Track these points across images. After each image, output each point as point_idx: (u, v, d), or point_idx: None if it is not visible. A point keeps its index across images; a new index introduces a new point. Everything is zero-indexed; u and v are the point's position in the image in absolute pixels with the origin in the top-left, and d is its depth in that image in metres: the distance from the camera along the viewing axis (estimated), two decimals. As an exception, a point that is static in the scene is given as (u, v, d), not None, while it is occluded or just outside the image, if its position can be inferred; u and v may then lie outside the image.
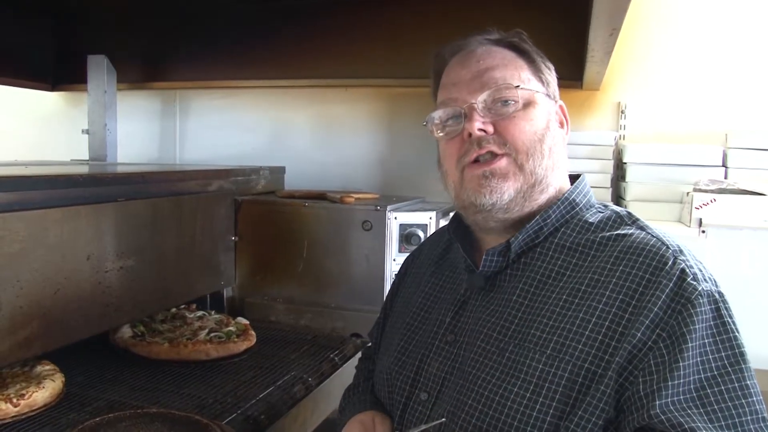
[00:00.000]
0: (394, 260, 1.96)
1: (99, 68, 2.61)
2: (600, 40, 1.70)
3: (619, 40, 1.74)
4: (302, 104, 2.73)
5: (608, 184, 2.33)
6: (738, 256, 2.12)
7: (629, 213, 1.02)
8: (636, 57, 2.41)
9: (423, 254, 1.26)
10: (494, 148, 0.99)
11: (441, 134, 1.07)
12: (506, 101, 1.01)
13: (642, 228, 0.97)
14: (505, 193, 0.99)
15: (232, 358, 1.69)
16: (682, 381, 0.82)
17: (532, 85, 1.03)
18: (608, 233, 0.97)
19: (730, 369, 0.84)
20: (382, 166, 2.63)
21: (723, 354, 0.84)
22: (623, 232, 0.96)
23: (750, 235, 2.12)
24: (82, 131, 2.67)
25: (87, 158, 2.67)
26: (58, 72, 2.95)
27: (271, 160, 2.54)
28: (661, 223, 2.16)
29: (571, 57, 2.15)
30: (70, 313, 1.41)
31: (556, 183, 1.04)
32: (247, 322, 1.88)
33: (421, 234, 1.96)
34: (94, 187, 1.52)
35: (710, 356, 0.84)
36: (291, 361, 1.69)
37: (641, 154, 2.28)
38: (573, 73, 2.24)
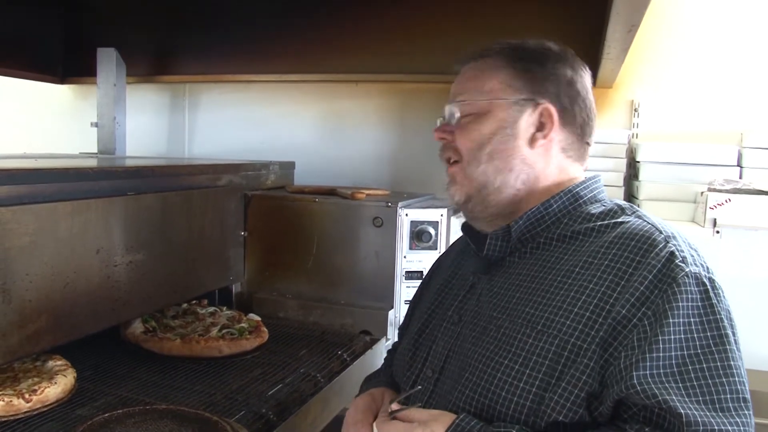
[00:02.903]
0: (404, 257, 1.94)
1: (108, 61, 2.60)
2: (618, 37, 1.67)
3: (633, 37, 1.72)
4: (312, 99, 2.70)
5: (621, 183, 2.30)
6: (752, 257, 2.10)
7: (631, 205, 1.07)
8: (650, 54, 2.38)
9: (453, 249, 1.33)
10: (450, 155, 1.12)
11: None
12: (455, 112, 1.11)
13: (639, 217, 1.03)
14: (455, 195, 1.12)
15: (244, 355, 1.68)
16: (662, 355, 0.85)
17: (495, 93, 1.08)
18: (606, 222, 1.02)
19: (714, 348, 0.86)
20: (393, 162, 2.61)
21: (708, 334, 0.87)
22: (620, 220, 1.02)
23: (765, 236, 2.10)
24: (91, 124, 2.65)
25: (96, 151, 2.66)
26: (67, 64, 2.93)
27: (280, 155, 2.53)
28: (674, 223, 2.13)
29: (585, 54, 2.09)
30: (79, 307, 1.40)
31: (515, 183, 1.08)
32: (259, 318, 1.87)
33: (432, 231, 1.94)
34: (104, 181, 1.50)
35: (694, 335, 0.87)
36: (300, 358, 1.68)
37: (655, 153, 2.25)
38: (586, 71, 2.21)
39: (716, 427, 0.81)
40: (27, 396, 1.26)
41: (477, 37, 1.14)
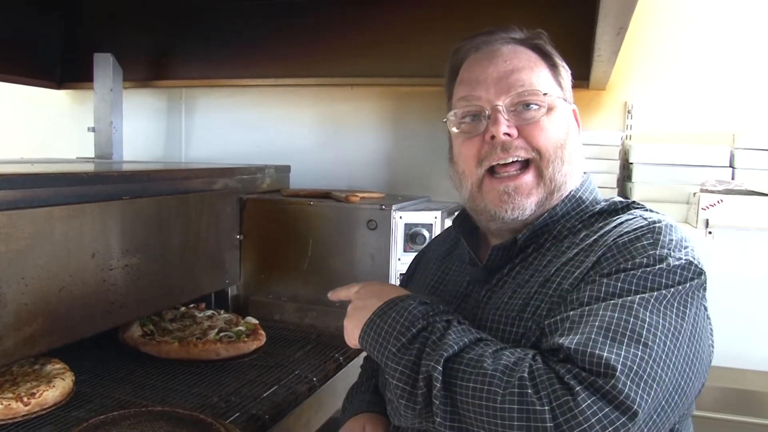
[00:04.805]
0: (399, 260, 1.95)
1: (105, 66, 2.62)
2: (607, 39, 1.69)
3: (625, 39, 1.73)
4: (308, 103, 2.72)
5: (614, 185, 2.31)
6: (745, 258, 2.11)
7: (632, 202, 1.04)
8: (643, 56, 2.39)
9: (430, 252, 1.28)
10: (522, 153, 0.99)
11: (457, 131, 1.06)
12: (529, 105, 1.00)
13: (632, 212, 1.00)
14: (527, 209, 1.01)
15: (241, 358, 1.69)
16: (599, 315, 0.82)
17: (553, 90, 1.04)
18: (603, 222, 1.00)
19: (663, 321, 0.81)
20: (388, 165, 2.63)
21: (665, 312, 0.82)
22: (615, 217, 0.99)
23: (757, 236, 2.11)
24: (88, 129, 2.67)
25: (93, 156, 2.68)
26: (64, 70, 2.95)
27: (276, 158, 2.54)
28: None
29: (577, 56, 2.12)
30: (75, 310, 1.41)
31: (572, 186, 1.05)
32: (257, 321, 1.88)
33: (426, 233, 1.95)
34: (99, 185, 1.52)
35: (626, 296, 0.83)
36: (295, 360, 1.69)
37: (648, 155, 2.26)
38: (579, 73, 2.18)
39: (591, 350, 0.77)
40: (25, 399, 1.27)
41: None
